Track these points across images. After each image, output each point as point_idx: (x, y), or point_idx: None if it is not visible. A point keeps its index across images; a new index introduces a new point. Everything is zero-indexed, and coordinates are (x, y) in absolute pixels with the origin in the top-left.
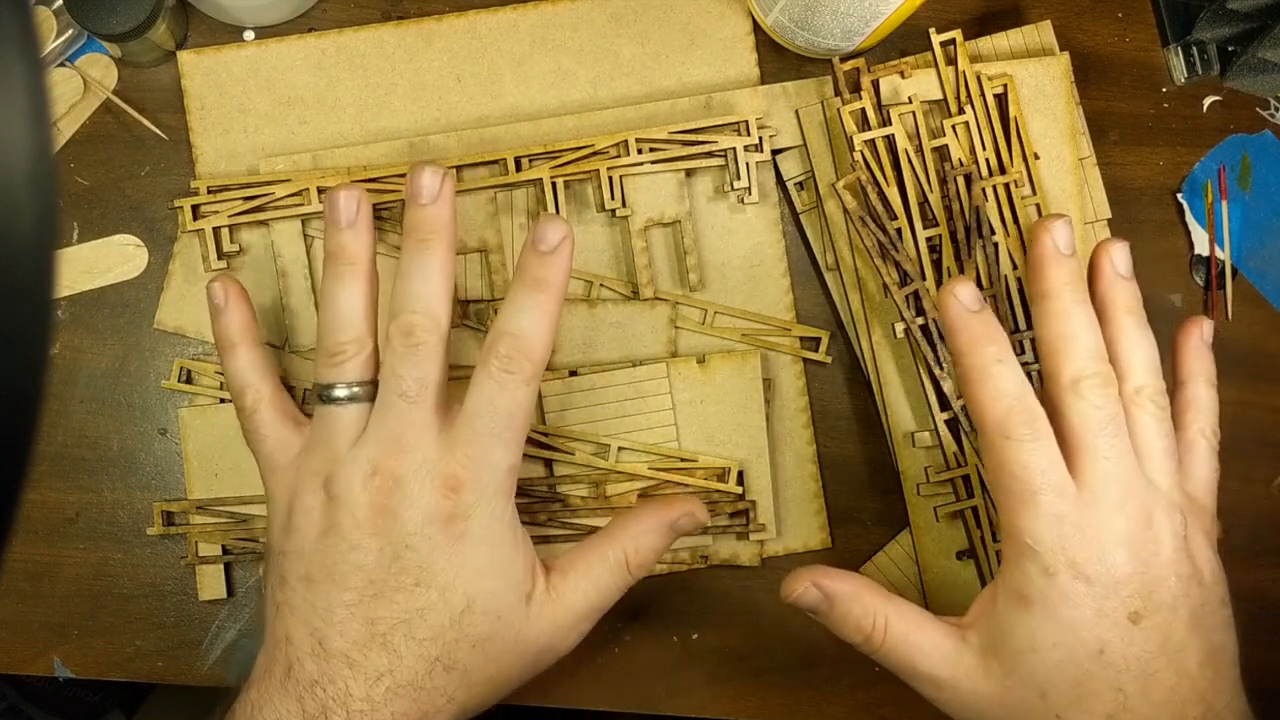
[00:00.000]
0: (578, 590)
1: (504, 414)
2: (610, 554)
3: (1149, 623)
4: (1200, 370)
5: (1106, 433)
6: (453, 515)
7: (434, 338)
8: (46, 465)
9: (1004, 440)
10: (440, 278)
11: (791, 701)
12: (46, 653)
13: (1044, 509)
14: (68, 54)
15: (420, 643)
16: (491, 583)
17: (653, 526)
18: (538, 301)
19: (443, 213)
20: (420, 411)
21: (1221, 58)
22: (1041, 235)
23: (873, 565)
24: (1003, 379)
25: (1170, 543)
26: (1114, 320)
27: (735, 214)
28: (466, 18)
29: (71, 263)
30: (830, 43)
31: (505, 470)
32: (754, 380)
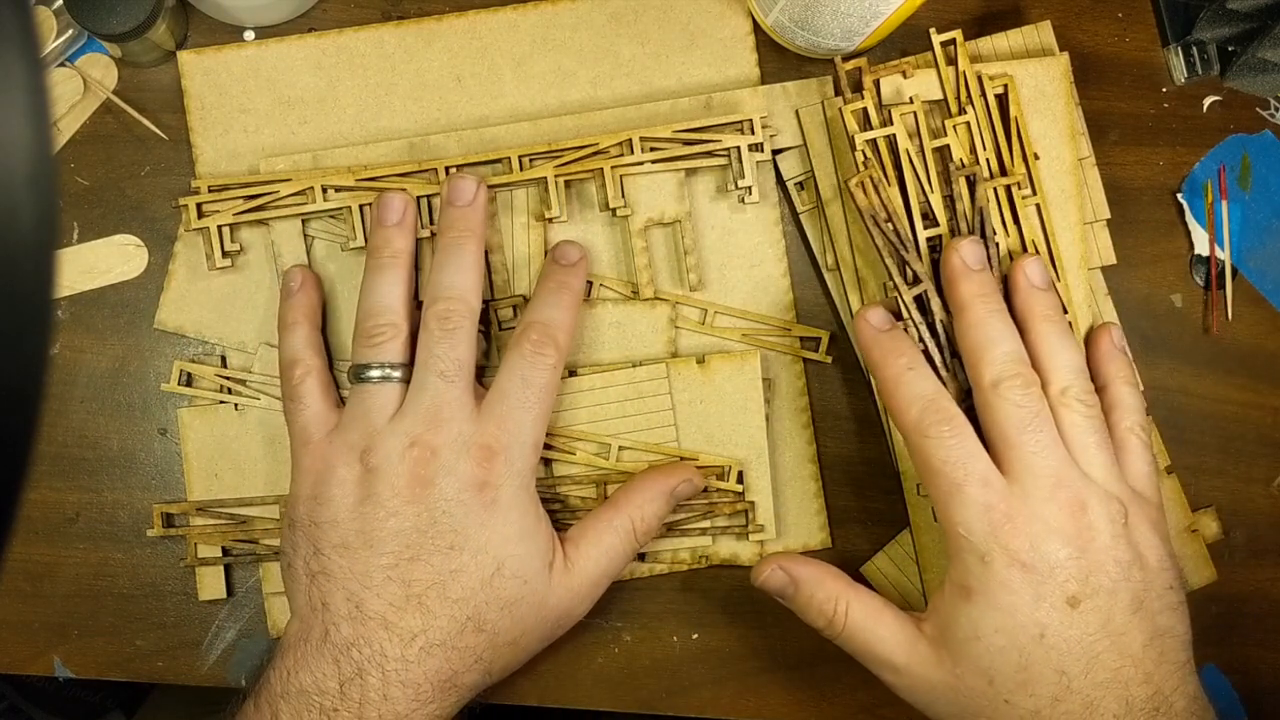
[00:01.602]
0: (590, 559)
1: (535, 390)
2: (618, 522)
3: (1087, 605)
4: (1117, 372)
5: (1031, 428)
6: (485, 483)
7: (468, 323)
8: (46, 465)
9: (923, 439)
10: (473, 270)
11: (791, 701)
12: (46, 653)
13: (971, 499)
14: (68, 54)
15: (453, 603)
16: (518, 548)
17: (655, 494)
18: (562, 300)
19: (477, 214)
20: (456, 389)
21: (1221, 58)
22: (949, 256)
23: (873, 565)
24: (914, 384)
25: (1107, 530)
26: (1033, 328)
27: (735, 214)
28: (466, 18)
29: (71, 263)
30: (830, 43)
31: (532, 445)
32: (754, 380)
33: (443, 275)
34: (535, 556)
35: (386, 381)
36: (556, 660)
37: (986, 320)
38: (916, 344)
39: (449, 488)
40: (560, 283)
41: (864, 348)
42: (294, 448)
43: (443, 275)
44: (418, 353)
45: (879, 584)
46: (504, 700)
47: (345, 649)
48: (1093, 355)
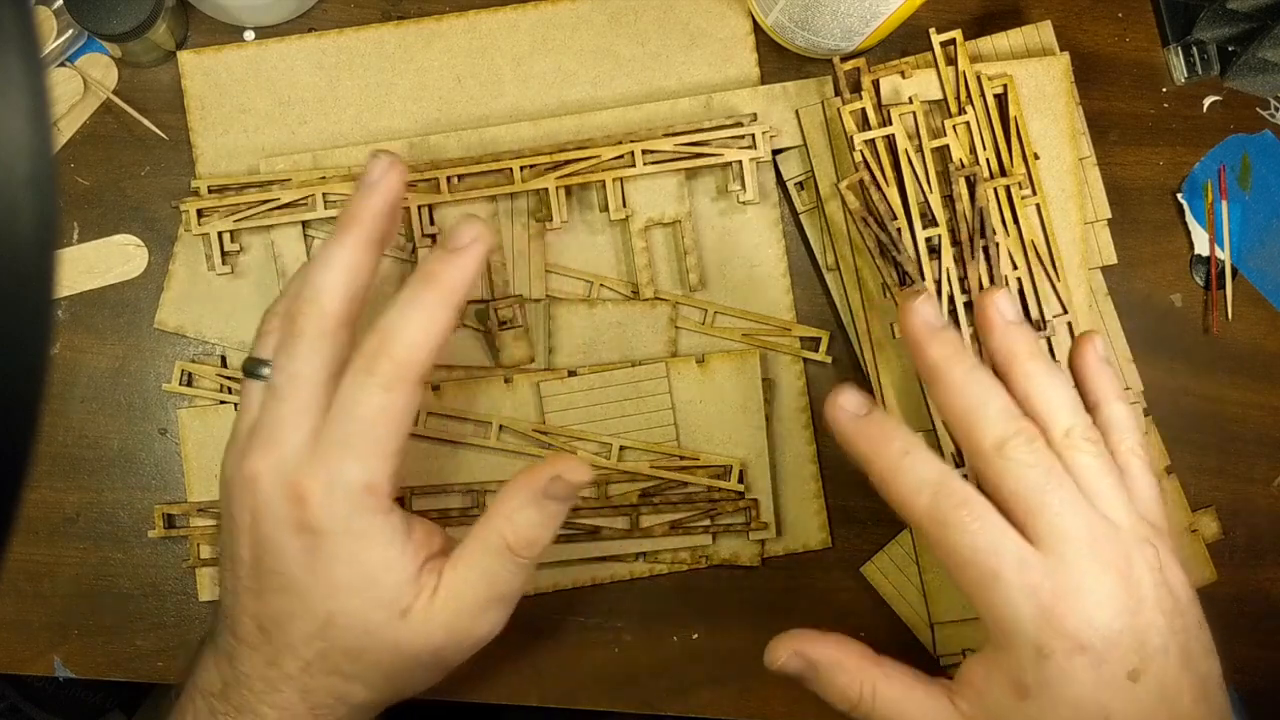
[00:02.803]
0: (467, 583)
1: (360, 422)
2: (490, 539)
3: (1147, 675)
4: (1108, 389)
5: (1050, 487)
6: (303, 525)
7: (314, 329)
8: (46, 465)
9: (943, 529)
10: (340, 270)
11: (791, 701)
12: (46, 653)
13: (1013, 586)
14: (68, 54)
15: (292, 645)
16: (351, 600)
17: (522, 501)
18: (421, 299)
19: (367, 202)
20: (286, 408)
21: (1221, 58)
22: (907, 319)
23: (873, 565)
24: (916, 469)
25: (1150, 579)
26: (1018, 370)
27: (735, 214)
28: (466, 18)
29: (71, 263)
30: (830, 43)
31: (360, 487)
32: (754, 380)
33: (308, 269)
34: (375, 608)
35: (255, 379)
36: (556, 660)
37: (967, 381)
38: (901, 424)
39: (267, 526)
40: (426, 274)
41: (847, 441)
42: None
43: (308, 269)
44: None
45: (879, 584)
46: (504, 700)
47: (228, 657)
48: (1078, 372)
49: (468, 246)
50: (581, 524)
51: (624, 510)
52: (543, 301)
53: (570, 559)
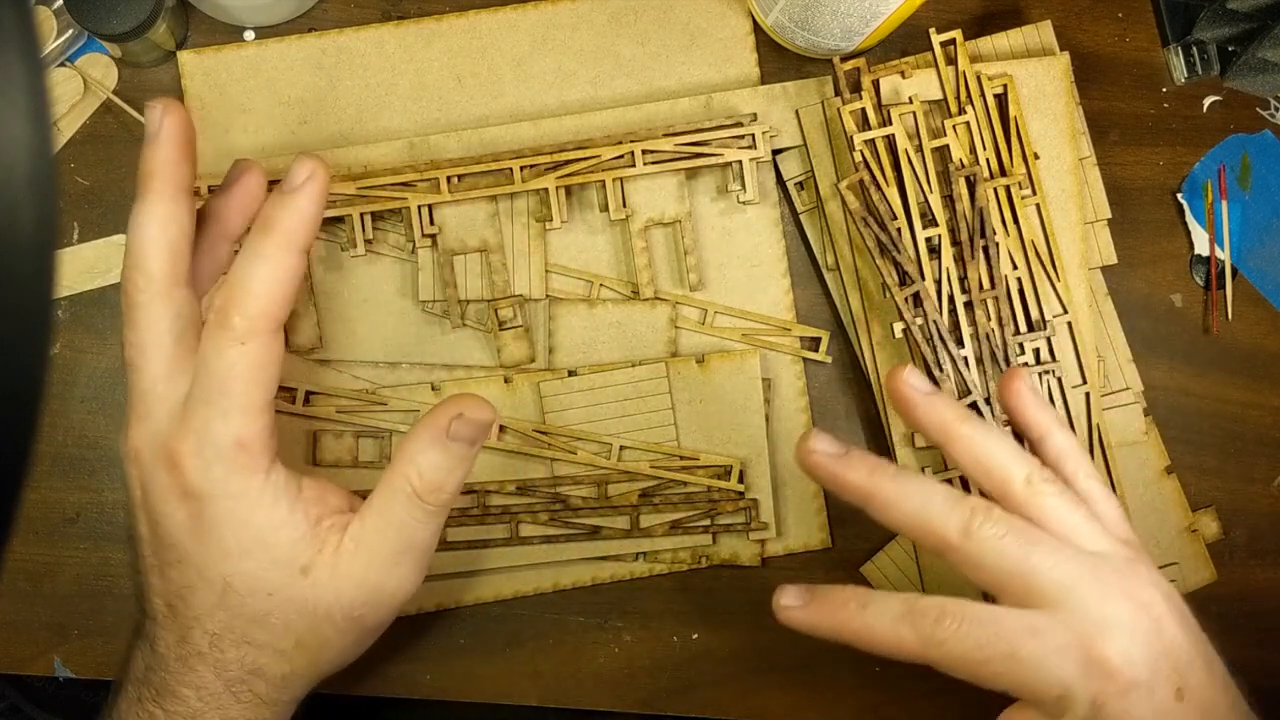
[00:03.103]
0: (376, 532)
1: (217, 379)
2: (396, 484)
3: (1189, 691)
4: (1046, 421)
5: (1030, 549)
6: (184, 493)
7: (144, 295)
8: (46, 465)
9: (940, 648)
10: (150, 228)
11: (791, 701)
12: (47, 653)
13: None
14: (68, 54)
15: (198, 619)
16: (245, 563)
17: (426, 442)
18: (262, 248)
19: (154, 154)
20: (144, 379)
21: (1221, 58)
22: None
23: (873, 565)
24: (881, 615)
25: (1157, 596)
26: (957, 435)
27: (735, 214)
28: (466, 18)
29: (71, 263)
30: (830, 43)
31: (231, 445)
32: (753, 380)
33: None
34: (272, 569)
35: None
36: (557, 660)
37: (901, 487)
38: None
39: (153, 497)
40: (264, 222)
41: (809, 625)
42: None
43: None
44: None
45: (879, 584)
46: (504, 700)
47: (149, 642)
48: (1014, 410)
49: (302, 186)
50: (581, 524)
51: (624, 510)
52: (543, 301)
53: (570, 559)
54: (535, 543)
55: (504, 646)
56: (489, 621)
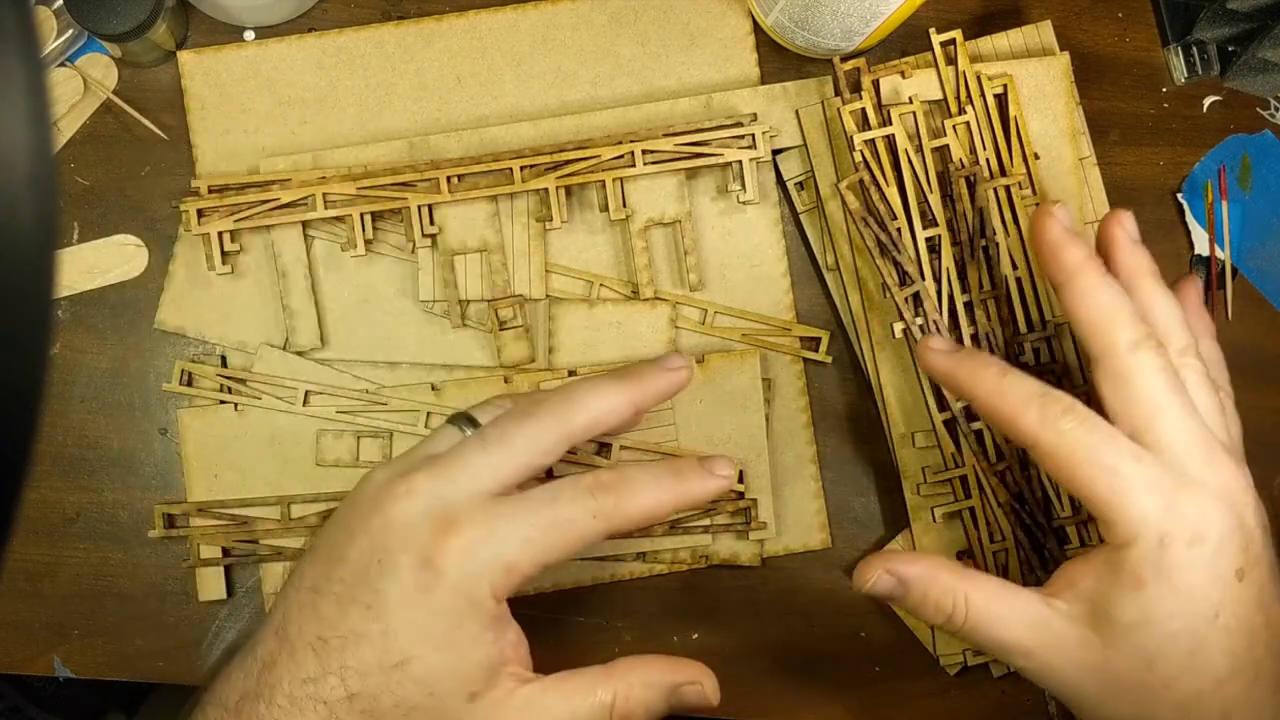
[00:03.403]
0: (550, 712)
1: (553, 516)
2: (600, 691)
3: (1249, 578)
4: (1203, 327)
5: (1174, 392)
6: (429, 560)
7: (552, 423)
8: (46, 465)
9: (1056, 434)
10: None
11: (791, 701)
12: (46, 653)
13: (1133, 479)
14: (68, 54)
15: (346, 669)
16: (435, 656)
17: (655, 681)
18: (673, 486)
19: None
20: (483, 458)
21: (1221, 58)
22: (1046, 221)
23: None
24: (1017, 387)
25: (1250, 492)
26: (1142, 287)
27: (735, 214)
28: (466, 18)
29: (71, 263)
30: (830, 43)
31: (506, 563)
32: (754, 380)
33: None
34: (452, 677)
35: (454, 426)
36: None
37: (1102, 286)
38: (992, 356)
39: (396, 539)
40: (680, 470)
41: (946, 374)
42: None
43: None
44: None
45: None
46: None
47: (261, 667)
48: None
49: (720, 476)
50: None
51: None
52: (543, 301)
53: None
54: None
55: None
56: None
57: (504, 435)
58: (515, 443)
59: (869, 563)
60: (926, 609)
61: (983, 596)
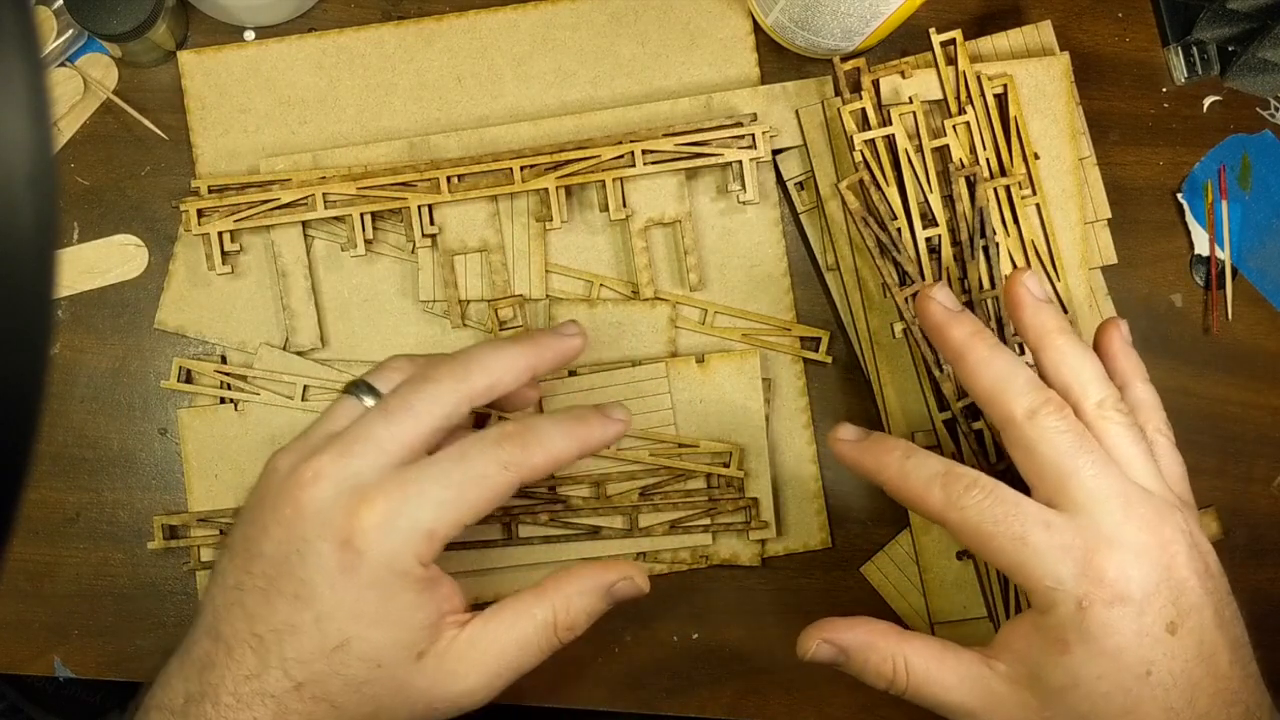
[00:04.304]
0: (497, 643)
1: (465, 475)
2: (537, 611)
3: (1184, 629)
4: (1133, 370)
5: (1082, 451)
6: (348, 542)
7: (452, 385)
8: (46, 465)
9: (960, 513)
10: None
11: (791, 701)
12: (46, 653)
13: (1042, 546)
14: (68, 54)
15: (287, 660)
16: (374, 631)
17: (588, 588)
18: (576, 432)
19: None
20: (387, 430)
21: (1221, 58)
22: (925, 305)
23: (873, 565)
24: (920, 468)
25: (1182, 540)
26: (1051, 345)
27: (735, 214)
28: (466, 18)
29: (71, 263)
30: (830, 43)
31: (426, 530)
32: (753, 380)
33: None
34: (395, 645)
35: (352, 396)
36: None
37: (993, 356)
38: (897, 439)
39: (311, 526)
40: (582, 416)
41: (854, 463)
42: None
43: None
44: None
45: (879, 584)
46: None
47: (199, 668)
48: (1104, 354)
49: (619, 422)
50: (581, 524)
51: (624, 510)
52: (543, 301)
53: (570, 559)
54: (535, 543)
55: None
56: None
57: (405, 403)
58: (417, 409)
59: (808, 632)
60: (867, 675)
61: (922, 660)
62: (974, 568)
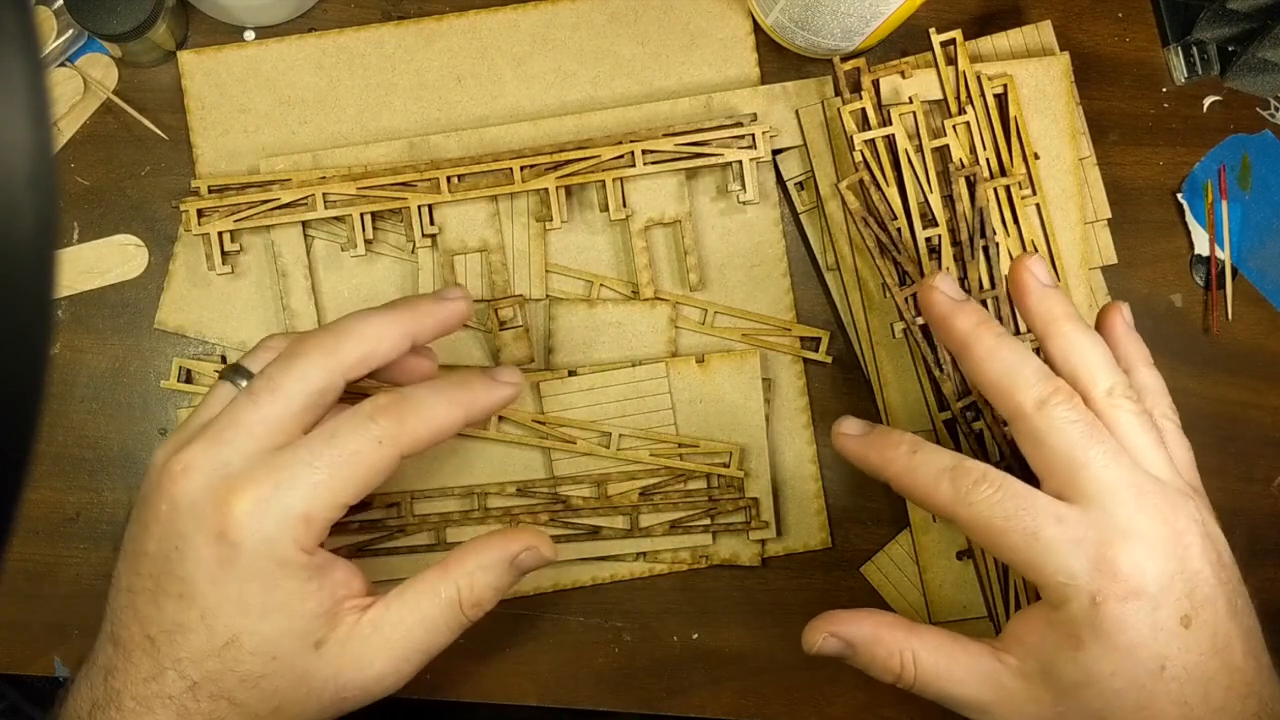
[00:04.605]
0: (402, 625)
1: (338, 454)
2: (441, 589)
3: (1198, 622)
4: (1137, 355)
5: (1093, 442)
6: (221, 535)
7: (320, 359)
8: (46, 465)
9: (970, 508)
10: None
11: (791, 701)
12: (47, 653)
13: (1054, 541)
14: (68, 54)
15: (180, 661)
16: (262, 624)
17: (491, 561)
18: (455, 397)
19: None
20: (254, 414)
21: (1221, 58)
22: (928, 296)
23: (873, 565)
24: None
25: (1195, 530)
26: (1059, 332)
27: (735, 214)
28: (466, 18)
29: (71, 263)
30: (830, 43)
31: (300, 513)
32: (753, 380)
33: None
34: (287, 636)
35: (227, 382)
36: (557, 660)
37: (999, 346)
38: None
39: (185, 523)
40: (465, 380)
41: (859, 457)
42: None
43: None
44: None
45: (879, 584)
46: (504, 700)
47: (103, 674)
48: (1108, 339)
49: (507, 385)
50: (581, 524)
51: (624, 510)
52: (543, 301)
53: (570, 559)
54: None
55: (504, 646)
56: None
57: (272, 384)
58: (286, 388)
59: (813, 625)
60: (874, 669)
61: (931, 654)
62: (974, 568)
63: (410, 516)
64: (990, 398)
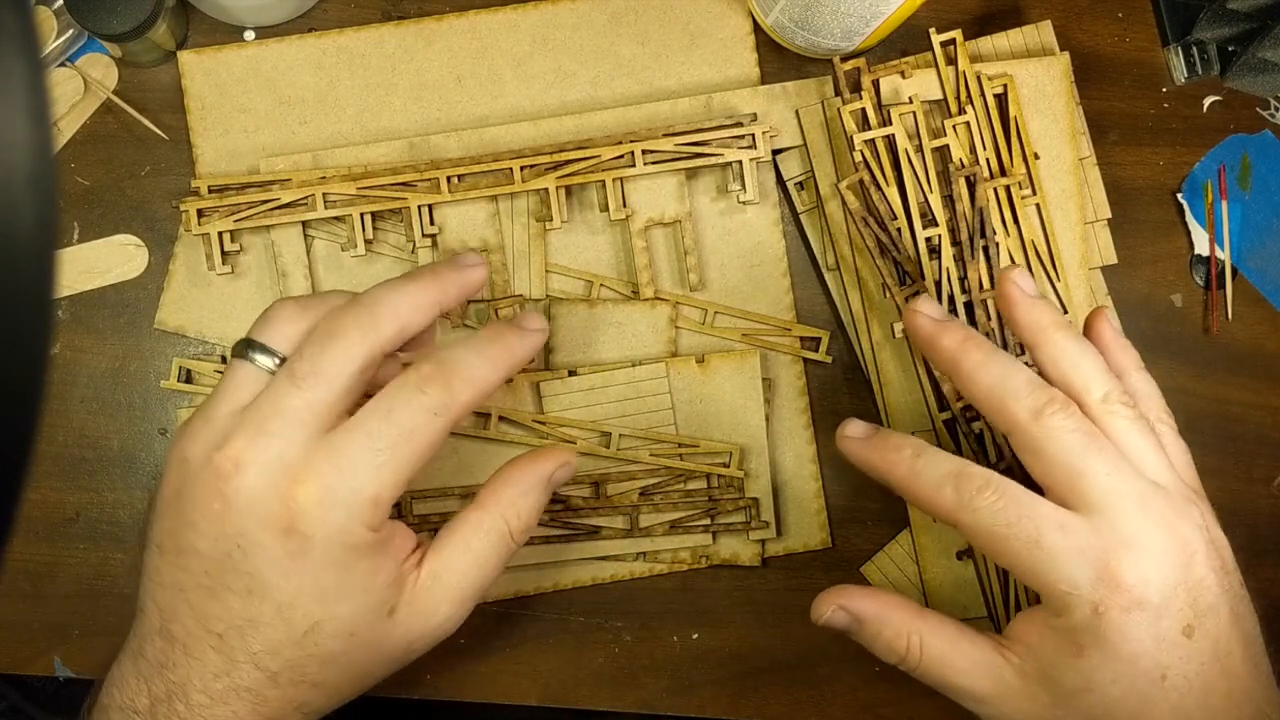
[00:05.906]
0: (456, 571)
1: (395, 431)
2: (488, 523)
3: (1200, 631)
4: (1128, 360)
5: (1092, 450)
6: (291, 528)
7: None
8: (46, 465)
9: (973, 514)
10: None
11: (791, 701)
12: (47, 653)
13: (1057, 549)
14: (68, 54)
15: (256, 655)
16: (341, 607)
17: (529, 486)
18: (489, 351)
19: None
20: (300, 400)
21: (1221, 58)
22: (913, 318)
23: (873, 565)
24: (931, 467)
25: (1199, 537)
26: (1048, 340)
27: (735, 214)
28: (466, 18)
29: (71, 263)
30: (830, 43)
31: (370, 497)
32: (754, 380)
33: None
34: (365, 612)
35: (252, 362)
36: (557, 660)
37: (988, 361)
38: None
39: (246, 518)
40: (497, 335)
41: (863, 461)
42: None
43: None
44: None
45: (879, 584)
46: (504, 700)
47: (158, 668)
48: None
49: (536, 332)
50: (581, 524)
51: (624, 510)
52: (543, 301)
53: (570, 559)
54: (535, 543)
55: (504, 646)
56: (489, 621)
57: (313, 367)
58: (328, 372)
59: (823, 597)
60: (879, 647)
61: (938, 640)
62: (974, 568)
63: (410, 517)
64: (984, 412)
